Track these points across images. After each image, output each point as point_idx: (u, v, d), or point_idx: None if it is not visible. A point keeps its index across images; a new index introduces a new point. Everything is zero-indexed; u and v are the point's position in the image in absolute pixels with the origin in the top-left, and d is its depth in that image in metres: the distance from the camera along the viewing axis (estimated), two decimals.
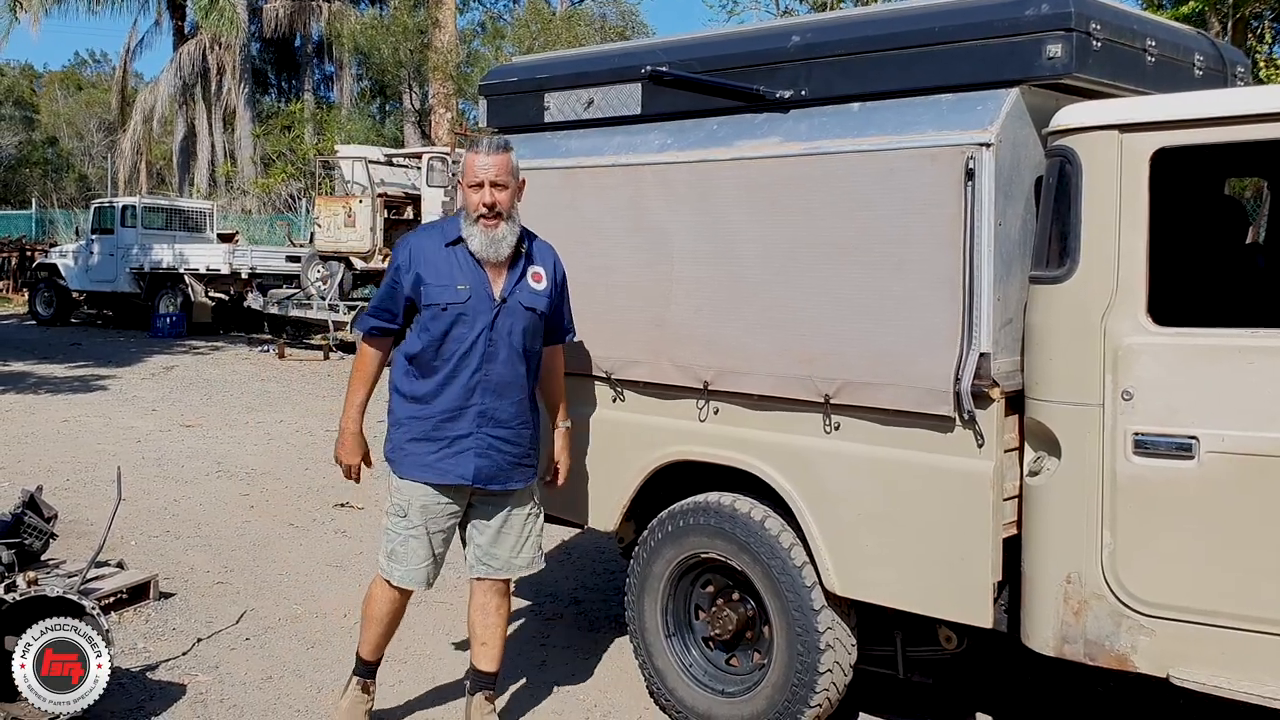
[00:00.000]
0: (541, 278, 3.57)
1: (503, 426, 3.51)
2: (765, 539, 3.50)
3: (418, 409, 3.51)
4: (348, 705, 3.74)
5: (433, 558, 3.60)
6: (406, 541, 3.56)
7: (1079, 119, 2.97)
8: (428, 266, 3.47)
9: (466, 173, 3.45)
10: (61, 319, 20.52)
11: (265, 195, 28.42)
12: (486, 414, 3.49)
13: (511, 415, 3.53)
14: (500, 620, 3.71)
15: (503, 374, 3.49)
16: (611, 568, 5.72)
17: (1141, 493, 2.86)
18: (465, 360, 3.45)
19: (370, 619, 3.69)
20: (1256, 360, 2.73)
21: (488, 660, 3.70)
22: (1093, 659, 2.97)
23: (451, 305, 3.43)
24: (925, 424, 3.13)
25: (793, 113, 3.49)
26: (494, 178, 3.42)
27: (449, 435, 3.48)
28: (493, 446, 3.50)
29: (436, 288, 3.45)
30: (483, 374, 3.47)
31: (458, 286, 3.44)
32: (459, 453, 3.48)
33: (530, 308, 3.52)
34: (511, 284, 3.50)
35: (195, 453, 8.64)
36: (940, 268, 3.05)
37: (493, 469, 3.52)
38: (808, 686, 3.44)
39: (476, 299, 3.44)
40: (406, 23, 26.13)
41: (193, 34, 29.61)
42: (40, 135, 44.07)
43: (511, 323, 3.48)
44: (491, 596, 3.68)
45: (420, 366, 3.50)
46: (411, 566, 3.57)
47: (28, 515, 4.69)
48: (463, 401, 3.47)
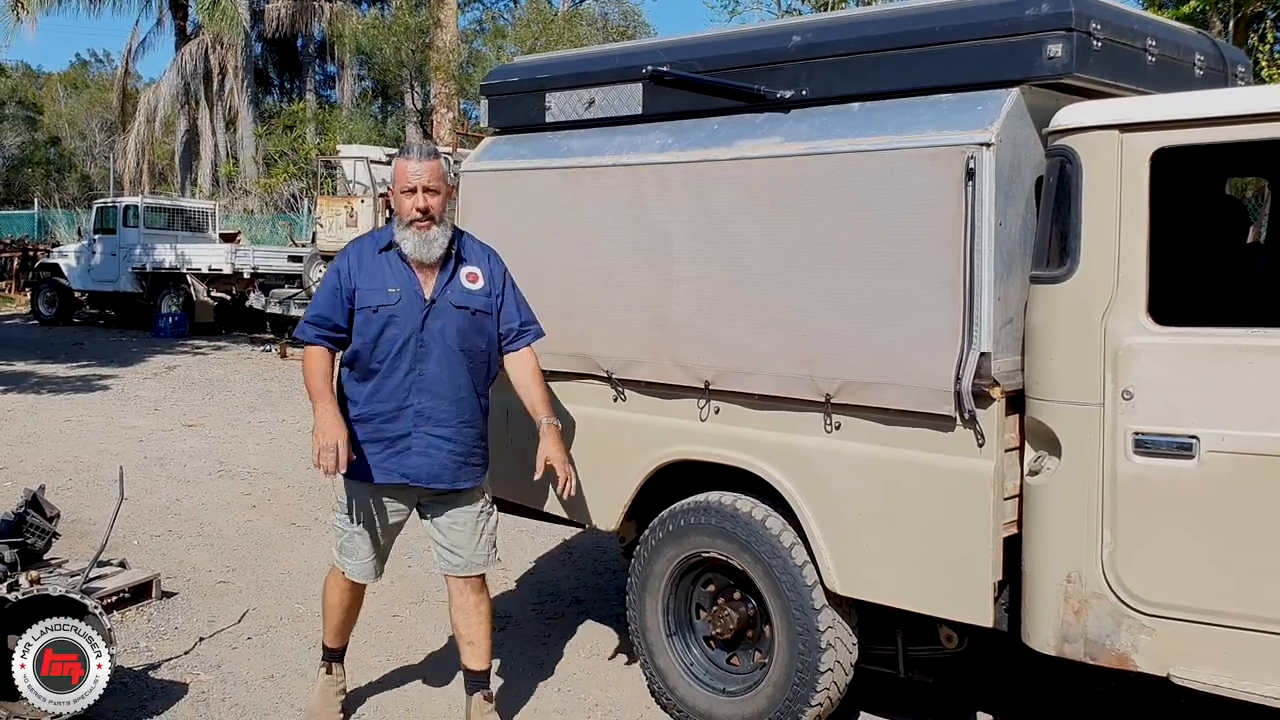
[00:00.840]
0: (477, 278, 3.63)
1: (443, 425, 3.56)
2: (766, 538, 3.50)
3: (360, 411, 3.59)
4: (319, 690, 3.90)
5: (376, 553, 3.72)
6: (353, 538, 3.69)
7: (1079, 119, 2.97)
8: (363, 273, 3.56)
9: (399, 179, 3.54)
10: (64, 319, 20.53)
11: (267, 195, 28.44)
12: (423, 413, 3.55)
13: (451, 414, 3.58)
14: (482, 617, 3.75)
15: (437, 373, 3.55)
16: (613, 567, 5.73)
17: (1142, 492, 2.86)
18: (398, 361, 3.53)
19: (329, 608, 3.85)
20: (1257, 360, 2.73)
21: (478, 659, 3.76)
22: (1093, 658, 2.97)
23: (382, 307, 3.51)
24: (926, 423, 3.14)
25: (793, 113, 3.50)
26: (426, 183, 3.51)
27: (390, 435, 3.56)
28: (433, 445, 3.56)
29: (368, 291, 3.53)
30: (416, 374, 3.54)
31: (388, 289, 3.53)
32: (400, 452, 3.56)
33: (462, 306, 3.57)
34: (442, 284, 3.57)
35: (197, 452, 8.65)
36: (941, 267, 3.05)
37: (435, 467, 3.57)
38: (809, 685, 3.45)
39: (407, 300, 3.53)
40: (408, 22, 26.16)
41: (195, 34, 29.62)
42: (43, 135, 44.10)
43: (443, 323, 3.54)
44: (469, 595, 3.73)
45: (359, 370, 3.58)
46: (359, 561, 3.71)
47: (30, 515, 4.71)
48: (400, 402, 3.55)
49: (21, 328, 19.98)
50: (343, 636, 3.91)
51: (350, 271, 3.56)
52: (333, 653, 3.92)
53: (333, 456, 3.39)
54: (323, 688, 3.90)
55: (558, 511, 4.17)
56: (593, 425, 3.98)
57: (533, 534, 6.21)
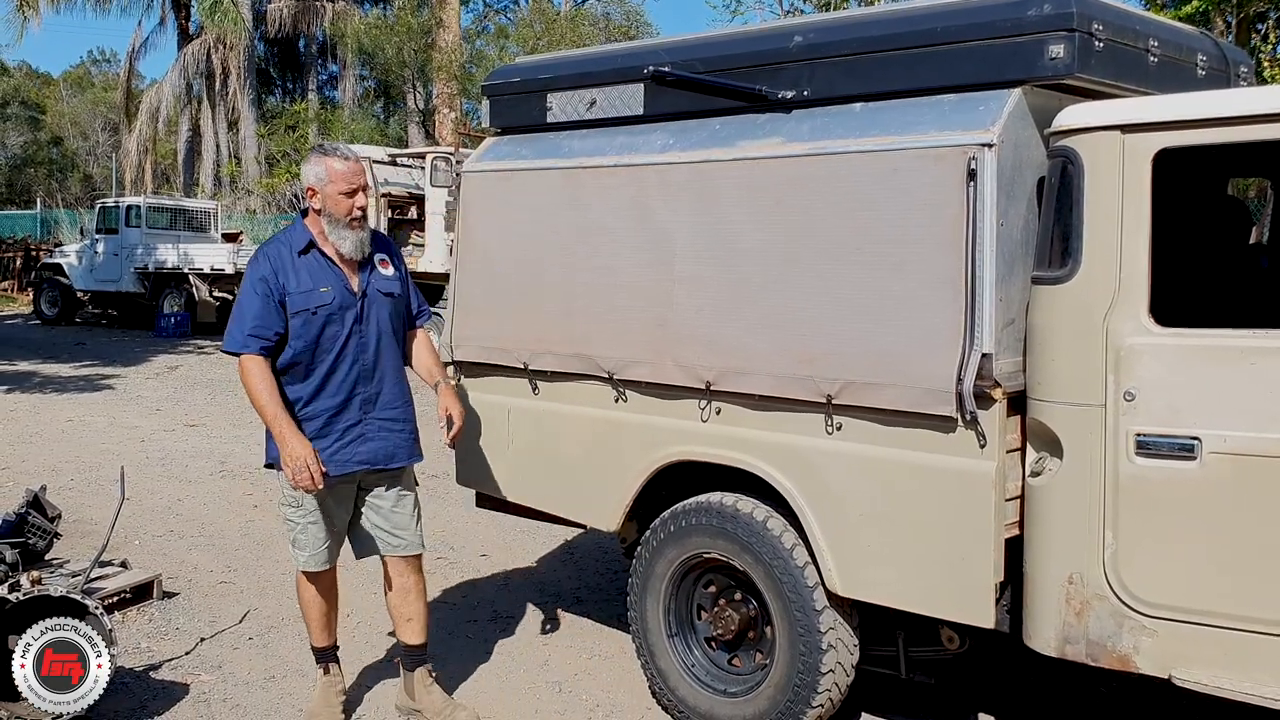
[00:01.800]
0: (388, 264, 3.78)
1: (389, 408, 3.73)
2: (767, 539, 3.50)
3: (306, 410, 3.64)
4: (319, 691, 3.93)
5: (331, 537, 3.77)
6: (306, 529, 3.74)
7: (1081, 119, 2.96)
8: (289, 277, 3.59)
9: (337, 181, 3.59)
10: (66, 319, 20.57)
11: (269, 195, 28.46)
12: (370, 400, 3.69)
13: (395, 395, 3.75)
14: (421, 594, 3.89)
15: (376, 360, 3.69)
16: (614, 568, 5.72)
17: (1143, 493, 2.85)
18: (342, 356, 3.63)
19: (305, 606, 3.90)
20: (1259, 361, 2.72)
21: (416, 634, 3.88)
22: (1095, 660, 2.96)
23: (321, 308, 3.60)
24: (927, 424, 3.13)
25: (795, 113, 3.49)
26: (362, 184, 3.64)
27: (340, 427, 3.66)
28: (384, 428, 3.72)
29: (302, 295, 3.58)
30: (360, 364, 3.66)
31: (320, 289, 3.60)
32: (352, 441, 3.67)
33: (388, 293, 3.73)
34: (366, 276, 3.69)
35: (199, 452, 8.65)
36: (942, 268, 3.05)
37: (390, 448, 3.73)
38: (810, 687, 3.44)
39: (340, 297, 3.62)
40: (410, 23, 26.17)
41: (197, 34, 29.65)
42: (45, 135, 44.13)
43: (376, 310, 3.69)
44: (408, 576, 3.85)
45: (296, 372, 3.63)
46: (314, 550, 3.76)
47: (32, 515, 4.71)
48: (346, 395, 3.65)
49: (24, 327, 20.01)
50: (328, 634, 3.92)
51: (277, 277, 3.57)
52: (324, 652, 3.93)
53: (307, 474, 3.49)
54: (322, 689, 3.91)
55: (559, 512, 4.17)
56: (594, 426, 3.98)
57: (534, 534, 6.20)
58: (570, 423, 4.04)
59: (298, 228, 3.68)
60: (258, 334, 3.53)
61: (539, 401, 4.14)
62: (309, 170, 3.62)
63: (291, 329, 3.57)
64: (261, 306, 3.55)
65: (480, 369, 4.33)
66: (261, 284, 3.56)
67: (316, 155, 3.64)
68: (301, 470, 3.48)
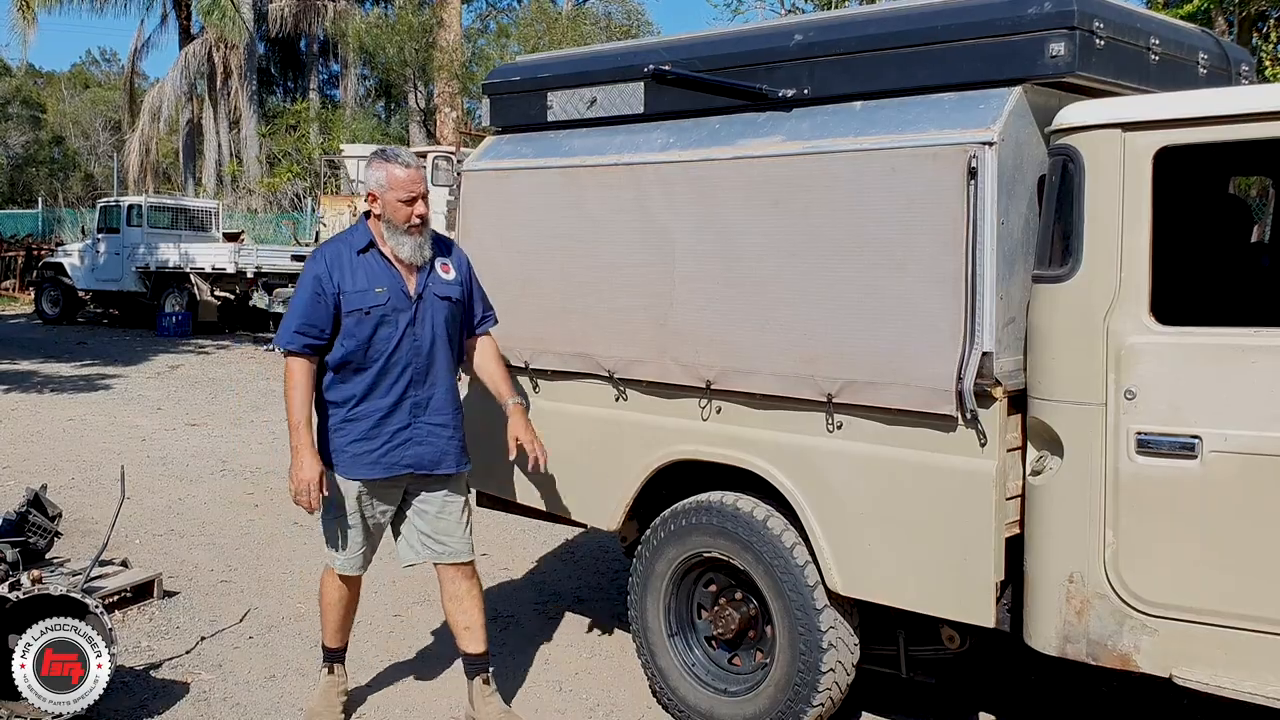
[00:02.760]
0: (449, 268, 3.74)
1: (439, 413, 3.69)
2: (768, 538, 3.50)
3: (353, 411, 3.63)
4: (321, 690, 3.92)
5: (368, 543, 3.77)
6: (345, 533, 3.72)
7: (1082, 117, 2.96)
8: (345, 276, 3.59)
9: (397, 188, 3.57)
10: (67, 318, 20.58)
11: (271, 194, 28.48)
12: (420, 403, 3.66)
13: (445, 401, 3.71)
14: (476, 602, 3.84)
15: (429, 364, 3.66)
16: (615, 567, 5.72)
17: (1144, 492, 2.85)
18: (394, 358, 3.61)
19: (326, 607, 3.88)
20: (1260, 360, 2.72)
21: (475, 642, 3.83)
22: (1095, 659, 2.96)
23: (375, 308, 3.58)
24: (928, 423, 3.13)
25: (795, 111, 3.49)
26: (423, 191, 3.61)
27: (389, 430, 3.64)
28: (432, 433, 3.68)
29: (355, 294, 3.57)
30: (413, 368, 3.64)
31: (376, 290, 3.59)
32: (400, 444, 3.64)
33: (445, 297, 3.69)
34: (424, 279, 3.66)
35: (200, 451, 8.66)
36: (942, 267, 3.04)
37: (437, 454, 3.69)
38: (810, 686, 3.44)
39: (395, 298, 3.60)
40: (411, 22, 26.19)
41: (199, 33, 29.67)
42: (47, 134, 44.16)
43: (432, 314, 3.66)
44: (461, 582, 3.82)
45: (348, 371, 3.62)
46: (350, 554, 3.75)
47: (32, 514, 4.72)
48: (397, 397, 3.63)
49: (25, 327, 20.02)
50: (342, 636, 3.93)
51: (331, 276, 3.57)
52: (333, 653, 3.93)
53: (306, 498, 3.52)
54: (324, 688, 3.91)
55: (560, 511, 4.16)
56: (594, 425, 3.97)
57: (535, 534, 6.20)
58: (571, 422, 4.03)
59: (359, 228, 3.68)
60: (303, 331, 3.56)
61: (540, 400, 4.14)
62: (370, 175, 3.60)
63: (344, 328, 3.57)
64: (311, 304, 3.56)
65: None
66: (315, 282, 3.57)
67: (378, 160, 3.62)
68: (303, 493, 3.52)
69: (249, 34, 29.12)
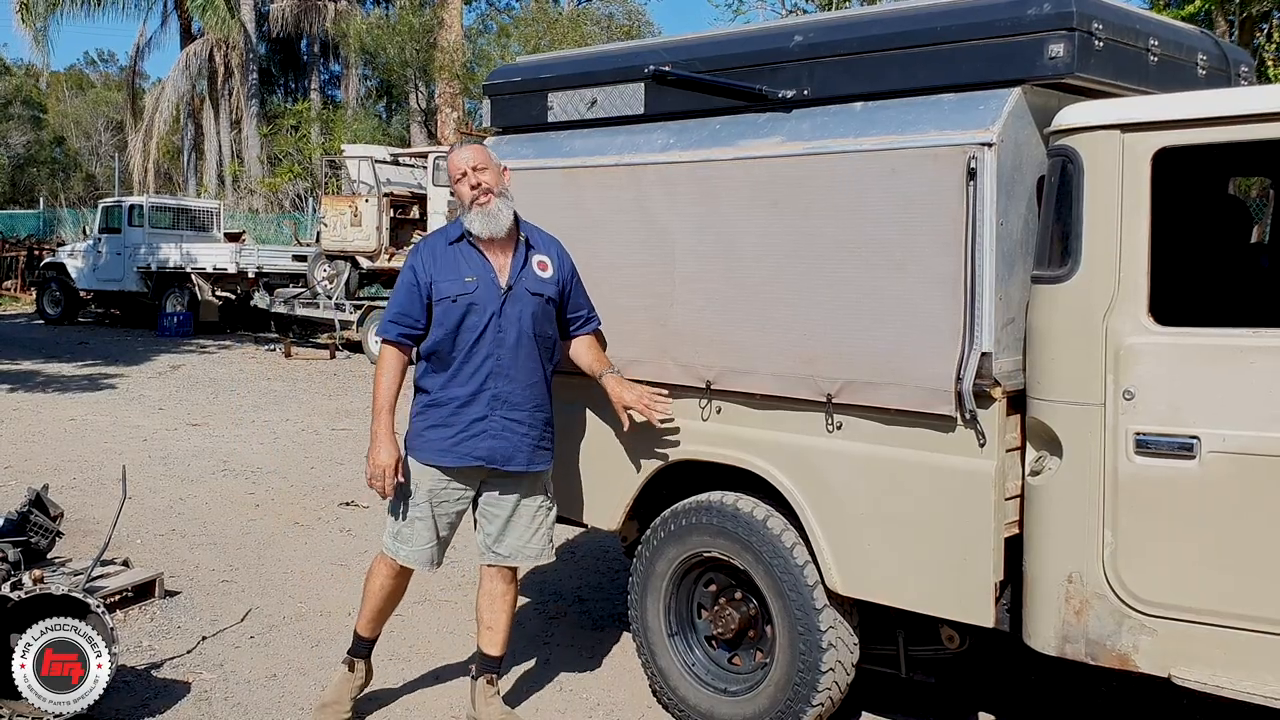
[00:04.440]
0: (547, 266, 3.70)
1: (517, 409, 3.63)
2: (767, 538, 3.50)
3: (435, 398, 3.65)
4: (335, 684, 3.90)
5: (437, 540, 3.74)
6: (413, 523, 3.70)
7: (1081, 118, 2.96)
8: (438, 266, 3.63)
9: (452, 172, 3.66)
10: (69, 318, 20.58)
11: (272, 194, 28.48)
12: (499, 397, 3.62)
13: (524, 398, 3.66)
14: (506, 606, 3.82)
15: (513, 358, 3.62)
16: (615, 566, 5.73)
17: (1143, 492, 2.86)
18: (477, 347, 3.60)
19: (370, 593, 3.86)
20: (1258, 360, 2.72)
21: (493, 644, 3.82)
22: (1094, 659, 2.96)
23: (461, 296, 3.58)
24: (927, 423, 3.14)
25: (795, 112, 3.49)
26: (473, 164, 3.62)
27: (465, 420, 3.62)
28: (507, 428, 3.63)
29: (446, 283, 3.60)
30: (495, 359, 3.61)
31: (465, 279, 3.61)
32: (474, 435, 3.62)
33: (536, 293, 3.66)
34: (516, 271, 3.64)
35: (201, 451, 8.66)
36: (942, 267, 3.05)
37: (509, 449, 3.64)
38: (810, 685, 3.45)
39: (484, 288, 3.60)
40: (412, 22, 26.17)
41: (200, 34, 29.67)
42: (48, 135, 44.17)
43: (520, 308, 3.62)
44: (498, 583, 3.80)
45: (436, 359, 3.65)
46: (417, 547, 3.71)
47: (34, 513, 4.73)
48: (476, 387, 3.61)
49: (27, 326, 20.03)
50: (377, 626, 3.90)
51: (425, 267, 3.64)
52: (362, 643, 3.89)
53: (380, 483, 3.57)
54: (339, 683, 3.89)
55: (560, 511, 4.16)
56: (595, 425, 3.98)
57: None
58: (571, 422, 4.04)
59: (456, 222, 3.72)
60: (397, 320, 3.64)
61: None
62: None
63: (435, 316, 3.61)
64: (406, 295, 3.64)
65: None
66: (410, 272, 3.65)
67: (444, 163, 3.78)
68: (378, 476, 3.57)
69: (244, 32, 29.10)
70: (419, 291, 3.62)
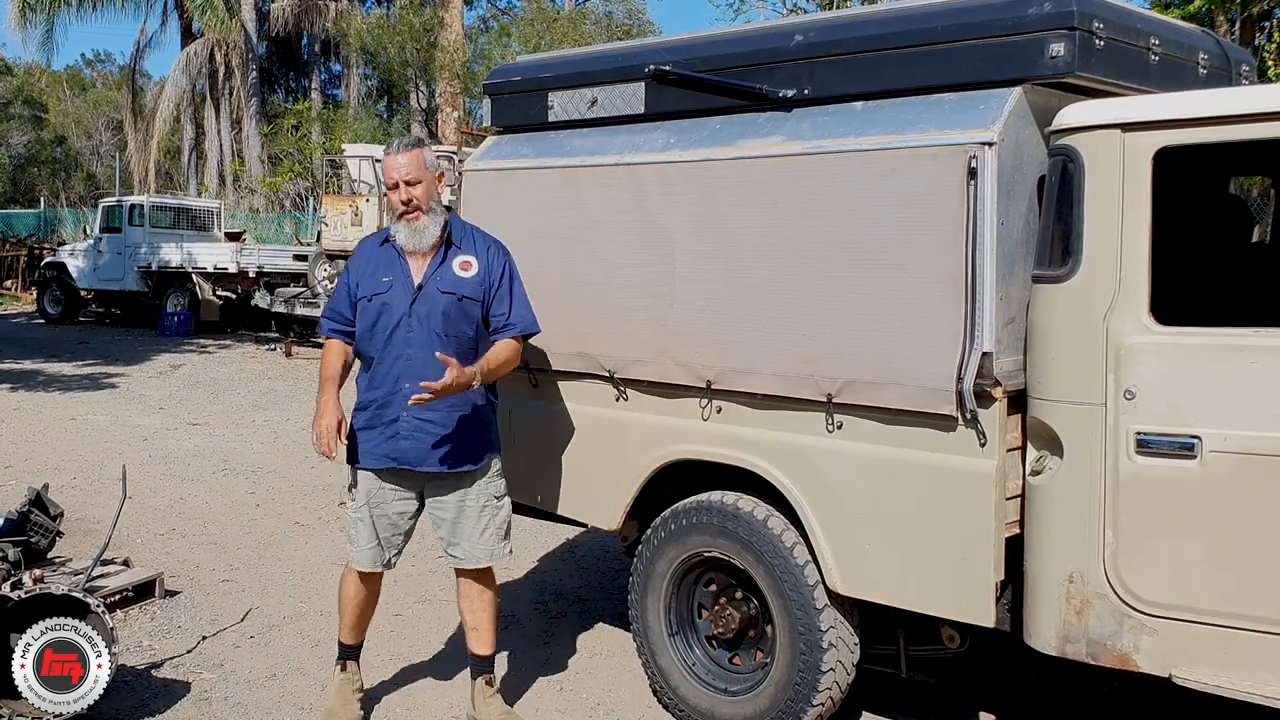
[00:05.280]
0: (470, 266, 3.68)
1: (428, 409, 3.58)
2: (768, 538, 3.50)
3: (361, 399, 3.72)
4: (335, 689, 3.90)
5: (377, 542, 3.75)
6: (356, 525, 3.76)
7: (1082, 118, 2.96)
8: (364, 265, 3.73)
9: (384, 177, 3.69)
10: (69, 317, 20.58)
11: (272, 194, 28.48)
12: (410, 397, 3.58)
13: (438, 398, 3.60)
14: (486, 605, 3.83)
15: (424, 357, 3.58)
16: (615, 566, 5.73)
17: (1144, 492, 2.85)
18: (389, 347, 3.64)
19: (342, 601, 3.90)
20: (1259, 360, 2.72)
21: (481, 644, 3.85)
22: (1095, 658, 2.96)
23: (376, 296, 3.65)
24: (928, 423, 3.13)
25: (795, 112, 3.49)
26: (405, 176, 3.61)
27: (384, 420, 3.67)
28: (419, 428, 3.62)
29: (366, 282, 3.69)
30: (405, 360, 3.63)
31: (383, 279, 3.66)
32: (390, 436, 3.65)
33: (449, 292, 3.63)
34: (431, 270, 3.66)
35: (201, 451, 8.66)
36: (942, 267, 3.05)
37: (420, 450, 3.62)
38: (810, 685, 3.44)
39: (398, 287, 3.64)
40: (412, 22, 26.17)
41: (200, 34, 29.68)
42: (49, 134, 44.17)
43: (430, 307, 3.63)
44: (471, 585, 3.83)
45: (364, 361, 3.72)
46: (360, 548, 3.76)
47: (34, 513, 4.73)
48: (391, 387, 3.64)
49: (27, 326, 20.03)
50: (357, 634, 3.92)
51: (356, 266, 3.75)
52: (348, 650, 3.92)
53: (324, 442, 3.57)
54: (339, 686, 3.89)
55: (560, 511, 4.17)
56: (595, 424, 3.98)
57: (536, 533, 6.21)
58: (571, 422, 4.04)
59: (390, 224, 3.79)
60: (330, 317, 3.75)
61: (540, 401, 4.14)
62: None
63: (356, 315, 3.69)
64: (340, 293, 3.76)
65: None
66: (346, 273, 3.78)
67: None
68: (321, 437, 3.58)
69: (244, 32, 29.10)
70: (347, 290, 3.72)
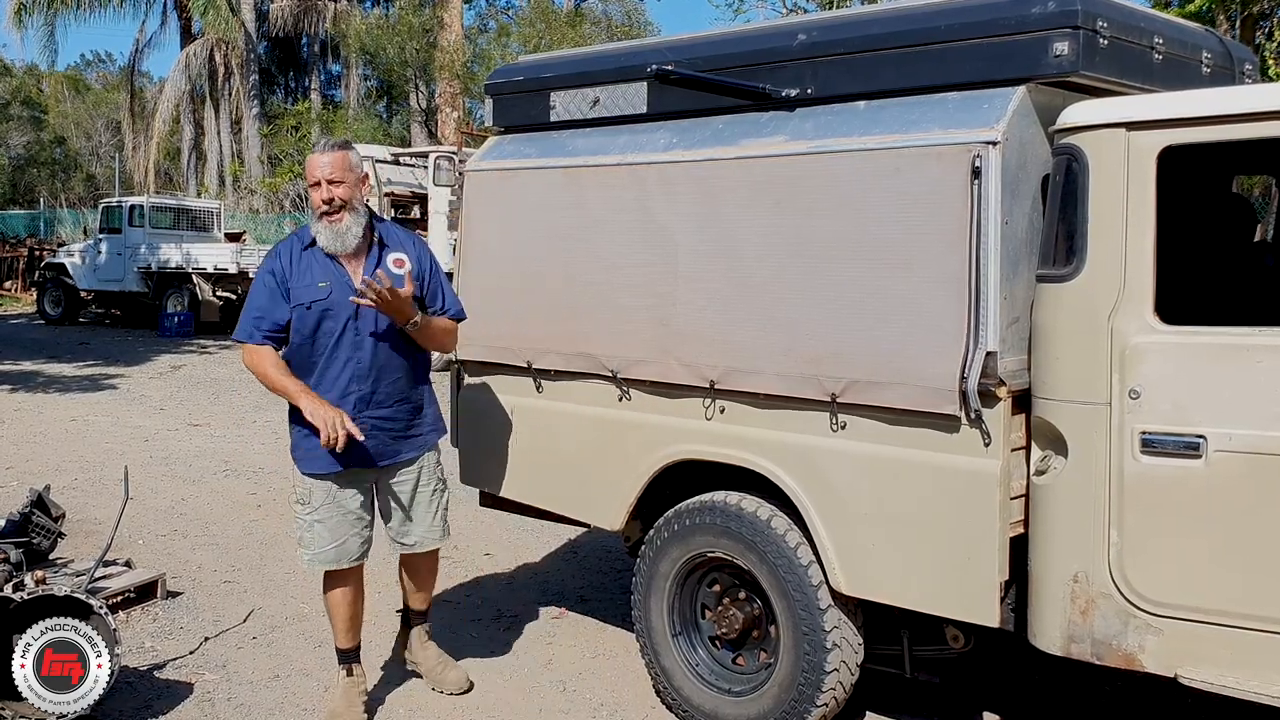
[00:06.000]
0: (403, 262, 3.66)
1: (381, 407, 3.71)
2: (771, 538, 3.50)
3: None
4: (341, 692, 3.90)
5: (340, 539, 3.77)
6: (311, 527, 3.76)
7: (1085, 117, 2.96)
8: (293, 272, 3.66)
9: (307, 175, 3.66)
10: (70, 318, 20.59)
11: (272, 194, 28.47)
12: (364, 398, 3.69)
13: (389, 394, 3.74)
14: (429, 578, 4.12)
15: (373, 359, 3.68)
16: (618, 566, 5.72)
17: (1149, 492, 2.85)
18: (336, 351, 3.65)
19: (330, 607, 3.92)
20: (1264, 359, 2.71)
21: (420, 601, 4.13)
22: (1100, 658, 2.96)
23: (316, 303, 3.63)
24: (932, 423, 3.13)
25: (798, 111, 3.49)
26: (328, 175, 3.60)
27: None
28: (376, 427, 3.70)
29: (300, 289, 3.64)
30: (355, 362, 3.66)
31: (318, 284, 3.64)
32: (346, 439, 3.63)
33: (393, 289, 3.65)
34: (369, 272, 3.64)
35: (203, 452, 8.66)
36: (946, 266, 3.04)
37: (379, 448, 3.73)
38: (814, 685, 3.44)
39: (338, 292, 3.63)
40: (412, 22, 26.17)
41: (200, 34, 29.67)
42: (48, 135, 44.17)
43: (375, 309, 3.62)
44: (420, 563, 4.02)
45: (298, 365, 3.68)
46: (318, 549, 3.77)
47: (36, 514, 4.72)
48: (341, 390, 3.67)
49: (27, 327, 20.04)
50: (351, 636, 3.92)
51: (283, 272, 3.66)
52: (348, 654, 3.92)
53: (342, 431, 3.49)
54: (345, 690, 3.88)
55: (563, 511, 4.17)
56: (597, 425, 3.97)
57: (538, 533, 6.20)
58: (574, 422, 4.04)
59: (307, 226, 3.75)
60: (260, 324, 3.64)
61: (543, 400, 4.14)
62: None
63: (293, 322, 3.64)
64: (267, 298, 3.65)
65: (484, 368, 4.34)
66: (270, 277, 3.68)
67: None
68: (335, 426, 3.49)
69: (244, 32, 29.09)
70: (278, 296, 3.64)
